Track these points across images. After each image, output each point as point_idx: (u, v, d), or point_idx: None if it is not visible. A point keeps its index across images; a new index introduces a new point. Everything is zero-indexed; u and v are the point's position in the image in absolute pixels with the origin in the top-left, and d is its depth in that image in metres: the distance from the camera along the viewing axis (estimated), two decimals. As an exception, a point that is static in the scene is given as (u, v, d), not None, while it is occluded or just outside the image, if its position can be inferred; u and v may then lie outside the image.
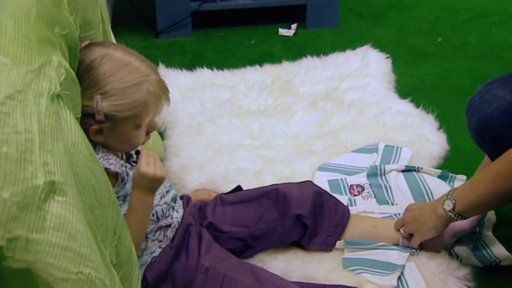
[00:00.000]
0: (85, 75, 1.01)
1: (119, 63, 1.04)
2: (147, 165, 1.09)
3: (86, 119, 1.01)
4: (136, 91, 1.04)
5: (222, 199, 1.36)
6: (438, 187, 1.49)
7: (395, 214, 1.42)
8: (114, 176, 1.10)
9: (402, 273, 1.26)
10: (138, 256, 1.16)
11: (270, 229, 1.30)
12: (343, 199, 1.44)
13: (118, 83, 1.02)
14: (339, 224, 1.32)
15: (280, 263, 1.30)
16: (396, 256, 1.29)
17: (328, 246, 1.32)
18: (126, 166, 1.13)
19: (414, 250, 1.31)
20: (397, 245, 1.33)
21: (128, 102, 1.03)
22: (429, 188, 1.50)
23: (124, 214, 1.13)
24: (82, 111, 0.98)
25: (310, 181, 1.40)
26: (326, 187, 1.49)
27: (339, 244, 1.33)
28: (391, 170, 1.56)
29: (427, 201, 1.45)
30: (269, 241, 1.30)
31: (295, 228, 1.30)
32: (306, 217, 1.28)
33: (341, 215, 1.33)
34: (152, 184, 1.11)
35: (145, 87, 1.05)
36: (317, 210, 1.31)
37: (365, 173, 1.56)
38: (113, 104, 1.02)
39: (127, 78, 1.03)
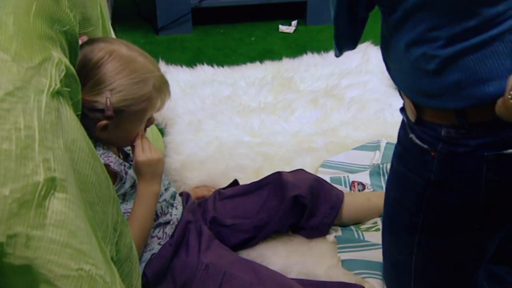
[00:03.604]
0: (93, 71, 1.04)
1: (126, 59, 1.07)
2: (143, 153, 1.12)
3: (94, 114, 1.05)
4: (143, 86, 1.08)
5: (220, 194, 1.37)
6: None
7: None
8: (113, 175, 1.10)
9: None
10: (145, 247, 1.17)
11: (271, 216, 1.32)
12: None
13: (127, 79, 1.06)
14: (334, 207, 1.34)
15: (280, 258, 1.30)
16: None
17: (325, 226, 1.34)
18: (124, 165, 1.14)
19: None
20: None
21: (136, 97, 1.07)
22: None
23: (124, 212, 1.14)
24: (91, 107, 1.02)
25: (303, 169, 1.42)
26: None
27: (328, 238, 1.34)
28: None
29: None
30: (271, 226, 1.32)
31: (293, 209, 1.31)
32: (304, 197, 1.30)
33: (336, 199, 1.35)
34: (152, 169, 1.13)
35: (151, 82, 1.09)
36: (313, 192, 1.33)
37: (368, 171, 1.55)
38: (122, 99, 1.06)
39: (135, 74, 1.06)
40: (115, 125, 1.07)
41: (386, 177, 1.53)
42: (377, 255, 1.30)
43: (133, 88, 1.06)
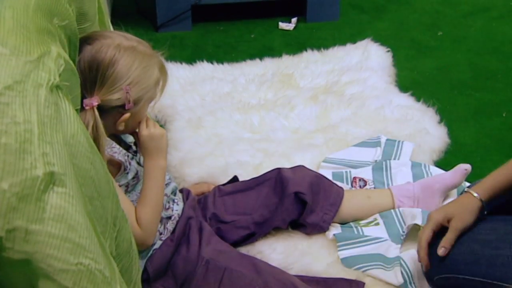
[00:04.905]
0: (109, 71, 1.06)
1: (131, 50, 1.09)
2: (147, 128, 1.16)
3: (116, 110, 1.08)
4: (152, 71, 1.12)
5: (220, 190, 1.37)
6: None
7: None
8: (117, 165, 1.12)
9: (402, 264, 1.25)
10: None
11: (271, 213, 1.31)
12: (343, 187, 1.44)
13: (139, 69, 1.09)
14: (334, 203, 1.34)
15: (279, 255, 1.30)
16: (387, 247, 1.30)
17: (325, 223, 1.33)
18: (128, 156, 1.14)
19: (404, 236, 1.32)
20: (393, 209, 1.37)
21: (149, 84, 1.12)
22: None
23: (132, 201, 1.15)
24: (112, 104, 1.06)
25: (303, 165, 1.42)
26: (329, 177, 1.49)
27: (328, 235, 1.33)
28: (400, 169, 1.53)
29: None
30: (271, 222, 1.32)
31: (293, 205, 1.31)
32: (305, 193, 1.30)
33: (336, 195, 1.35)
34: (155, 143, 1.15)
35: (156, 66, 1.13)
36: (313, 188, 1.33)
37: (370, 167, 1.55)
38: (140, 90, 1.10)
39: (144, 63, 1.10)
40: (133, 115, 1.11)
41: (388, 172, 1.53)
42: (376, 249, 1.30)
43: (146, 76, 1.10)
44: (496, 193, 1.12)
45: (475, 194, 1.11)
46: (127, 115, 1.09)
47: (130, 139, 1.24)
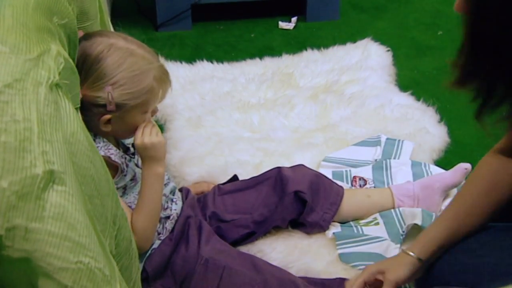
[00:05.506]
0: (94, 66, 1.04)
1: (125, 52, 1.06)
2: (140, 137, 1.11)
3: (97, 109, 1.05)
4: (144, 78, 1.07)
5: (220, 189, 1.37)
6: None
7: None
8: (114, 167, 1.11)
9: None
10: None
11: (271, 212, 1.31)
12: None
13: (127, 72, 1.05)
14: (334, 202, 1.34)
15: (279, 254, 1.30)
16: (386, 247, 1.29)
17: (325, 222, 1.33)
18: (125, 158, 1.14)
19: (404, 236, 1.32)
20: (393, 208, 1.37)
21: (138, 90, 1.07)
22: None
23: (129, 204, 1.14)
24: (94, 102, 1.03)
25: (303, 164, 1.42)
26: (329, 176, 1.49)
27: (328, 234, 1.33)
28: (400, 168, 1.54)
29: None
30: (271, 221, 1.31)
31: (293, 204, 1.31)
32: (305, 192, 1.30)
33: (336, 194, 1.35)
34: (148, 152, 1.12)
35: (152, 74, 1.09)
36: (313, 187, 1.33)
37: (370, 166, 1.55)
38: (124, 93, 1.06)
39: (135, 67, 1.06)
40: (119, 118, 1.08)
41: (388, 172, 1.53)
42: (375, 248, 1.30)
43: (134, 81, 1.06)
44: (438, 247, 1.10)
45: (411, 254, 1.10)
46: (107, 116, 1.06)
47: (129, 140, 1.24)
